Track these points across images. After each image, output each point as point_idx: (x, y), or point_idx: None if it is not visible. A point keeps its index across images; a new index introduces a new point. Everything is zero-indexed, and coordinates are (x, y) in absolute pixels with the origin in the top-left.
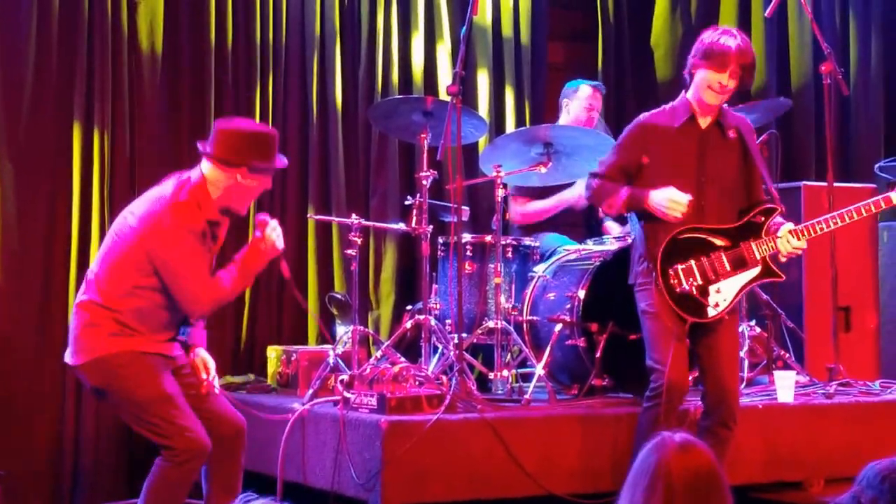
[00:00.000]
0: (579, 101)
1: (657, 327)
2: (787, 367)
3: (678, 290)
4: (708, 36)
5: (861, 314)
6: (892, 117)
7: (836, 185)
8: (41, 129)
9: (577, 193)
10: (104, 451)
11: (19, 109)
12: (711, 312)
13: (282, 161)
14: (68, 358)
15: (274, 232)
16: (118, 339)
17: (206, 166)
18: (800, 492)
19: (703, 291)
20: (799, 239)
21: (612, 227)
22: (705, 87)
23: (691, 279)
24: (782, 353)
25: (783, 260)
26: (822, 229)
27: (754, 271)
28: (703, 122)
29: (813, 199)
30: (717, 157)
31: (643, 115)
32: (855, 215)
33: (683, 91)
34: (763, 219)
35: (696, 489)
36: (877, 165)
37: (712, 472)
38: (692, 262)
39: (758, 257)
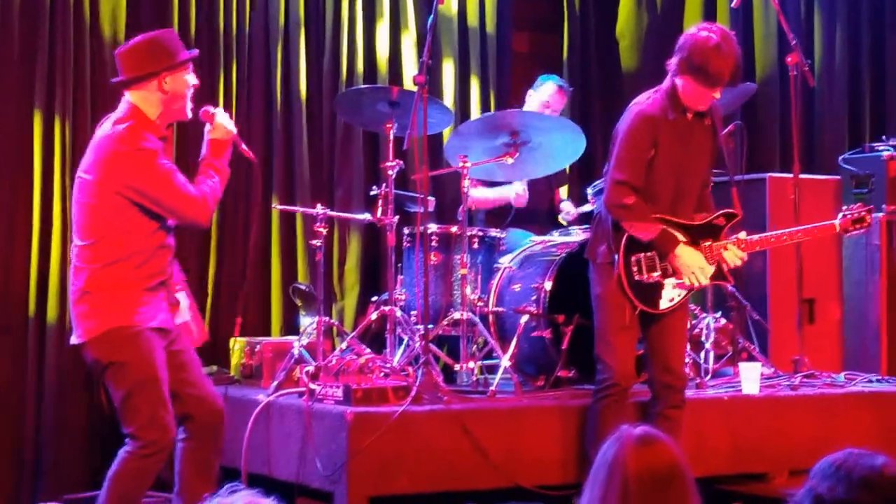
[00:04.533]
0: (539, 95)
1: (607, 317)
2: (752, 358)
3: (636, 277)
4: (698, 48)
5: (825, 306)
6: (856, 109)
7: (801, 176)
8: (1, 118)
9: (514, 192)
10: (66, 444)
11: None
12: (664, 305)
13: (191, 51)
14: (74, 339)
15: (222, 117)
16: (123, 308)
17: (128, 95)
18: (764, 483)
19: (661, 283)
20: (742, 250)
21: (566, 206)
22: (697, 98)
23: (652, 270)
24: (747, 344)
25: (725, 268)
26: (768, 243)
27: (709, 272)
28: (689, 113)
29: (778, 190)
30: (699, 148)
31: (642, 106)
32: (802, 236)
33: (670, 77)
34: (724, 222)
35: (654, 483)
36: (841, 157)
37: (673, 466)
38: (655, 253)
39: (714, 260)
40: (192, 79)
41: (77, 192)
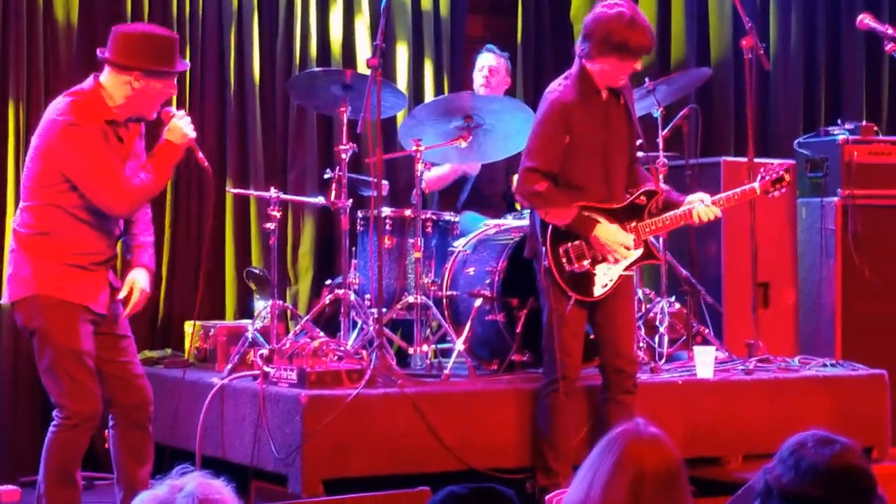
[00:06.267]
0: (479, 71)
1: (549, 309)
2: (706, 342)
3: (567, 268)
4: (614, 27)
5: (780, 290)
6: (812, 93)
7: (755, 160)
8: None
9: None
10: (23, 427)
11: None
12: (598, 292)
13: (182, 64)
14: (3, 299)
15: (181, 121)
16: (49, 278)
17: (104, 74)
18: (718, 467)
19: (591, 271)
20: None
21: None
22: (617, 75)
23: (582, 258)
24: (702, 328)
25: (653, 247)
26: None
27: (637, 253)
28: (603, 94)
29: (733, 174)
30: (617, 127)
31: (555, 93)
32: (724, 204)
33: (579, 60)
34: (645, 200)
35: (667, 480)
36: (796, 141)
37: (681, 466)
38: (582, 241)
39: (641, 239)
40: (167, 89)
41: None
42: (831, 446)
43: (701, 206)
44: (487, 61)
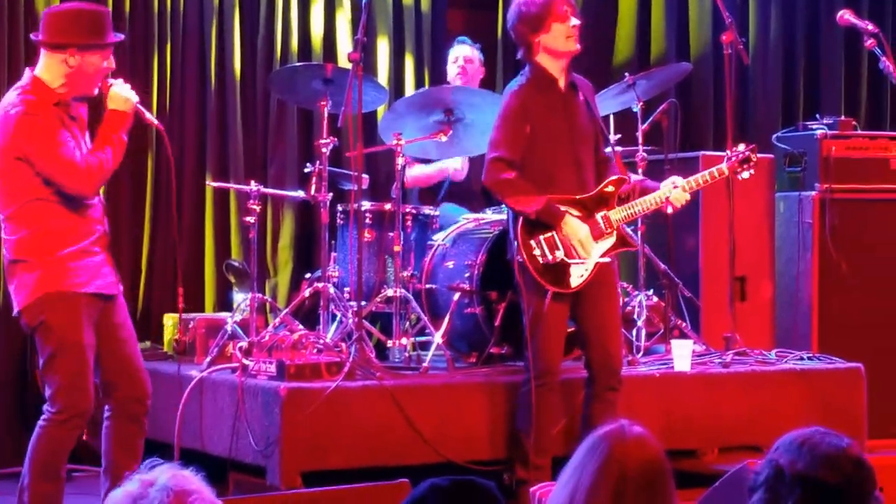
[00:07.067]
0: (450, 60)
1: (527, 305)
2: (683, 336)
3: (542, 260)
4: (526, 6)
5: (757, 284)
6: (790, 88)
7: None
8: None
9: (457, 165)
10: (0, 421)
11: None
12: (575, 283)
13: (115, 36)
14: (14, 313)
15: (121, 88)
16: (52, 274)
17: (38, 65)
18: (694, 460)
19: (566, 261)
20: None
21: None
22: (563, 38)
23: (555, 249)
24: (679, 322)
25: (627, 235)
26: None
27: (610, 241)
28: (561, 83)
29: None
30: (580, 120)
31: (513, 88)
32: (695, 186)
33: (529, 61)
34: (613, 189)
35: (650, 481)
36: (774, 136)
37: (666, 466)
38: (554, 232)
39: (612, 227)
40: (104, 62)
41: None
42: (842, 439)
43: (671, 190)
44: (462, 52)
